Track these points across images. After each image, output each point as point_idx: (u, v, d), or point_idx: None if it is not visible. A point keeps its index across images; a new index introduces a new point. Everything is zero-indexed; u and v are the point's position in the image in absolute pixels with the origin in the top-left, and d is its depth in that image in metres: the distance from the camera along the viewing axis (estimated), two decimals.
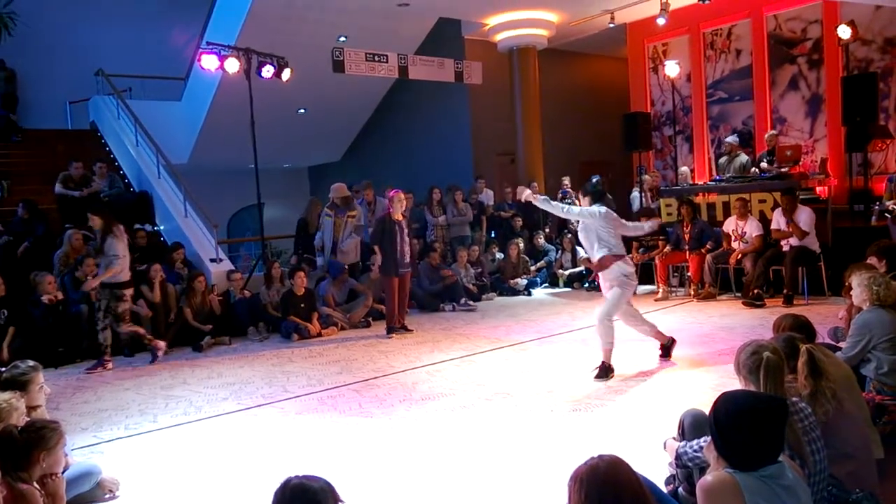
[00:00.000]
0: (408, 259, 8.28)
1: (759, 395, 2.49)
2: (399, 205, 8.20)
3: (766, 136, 10.88)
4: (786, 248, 8.57)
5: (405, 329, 8.27)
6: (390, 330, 8.14)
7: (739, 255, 8.91)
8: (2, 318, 7.31)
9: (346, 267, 9.51)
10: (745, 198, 9.32)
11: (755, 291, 8.52)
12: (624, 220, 6.09)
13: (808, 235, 8.33)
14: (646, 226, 6.28)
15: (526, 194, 6.00)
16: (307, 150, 17.45)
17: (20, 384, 3.60)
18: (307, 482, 2.00)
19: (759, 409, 2.13)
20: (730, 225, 9.26)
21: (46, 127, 13.76)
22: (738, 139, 11.11)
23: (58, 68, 14.86)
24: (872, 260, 5.18)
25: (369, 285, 9.37)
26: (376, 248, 8.13)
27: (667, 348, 6.16)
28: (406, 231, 8.30)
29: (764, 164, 10.11)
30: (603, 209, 5.82)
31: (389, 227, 8.09)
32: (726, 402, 2.19)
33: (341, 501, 2.03)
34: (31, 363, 3.75)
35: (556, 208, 6.10)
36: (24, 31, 12.83)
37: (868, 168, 10.29)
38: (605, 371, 5.65)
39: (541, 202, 6.00)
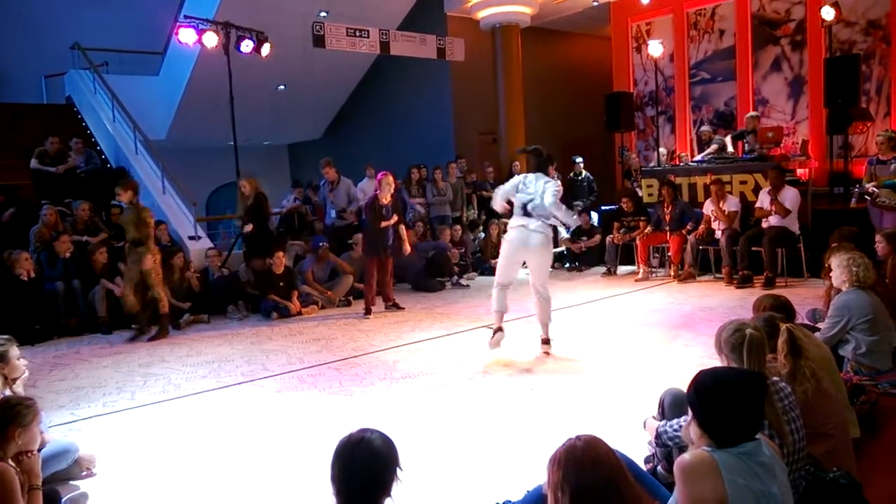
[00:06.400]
0: (391, 241, 8.20)
1: (738, 369, 2.50)
2: (388, 188, 8.05)
3: (747, 116, 10.90)
4: (765, 226, 8.62)
5: (396, 306, 8.33)
6: (367, 311, 8.14)
7: (718, 228, 9.02)
8: None
9: (326, 241, 9.46)
10: (720, 179, 9.34)
11: (743, 272, 8.57)
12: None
13: (790, 214, 8.37)
14: None
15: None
16: (287, 127, 17.25)
17: None
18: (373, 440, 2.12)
19: (737, 382, 2.14)
20: (709, 207, 9.28)
21: (21, 101, 13.46)
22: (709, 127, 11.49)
23: (33, 41, 14.54)
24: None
25: (350, 264, 9.33)
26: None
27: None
28: (392, 215, 8.19)
29: (748, 145, 10.14)
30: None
31: (378, 211, 8.02)
32: (705, 376, 2.20)
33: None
34: (5, 336, 3.72)
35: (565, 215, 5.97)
36: None
37: (849, 150, 10.34)
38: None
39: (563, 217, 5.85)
